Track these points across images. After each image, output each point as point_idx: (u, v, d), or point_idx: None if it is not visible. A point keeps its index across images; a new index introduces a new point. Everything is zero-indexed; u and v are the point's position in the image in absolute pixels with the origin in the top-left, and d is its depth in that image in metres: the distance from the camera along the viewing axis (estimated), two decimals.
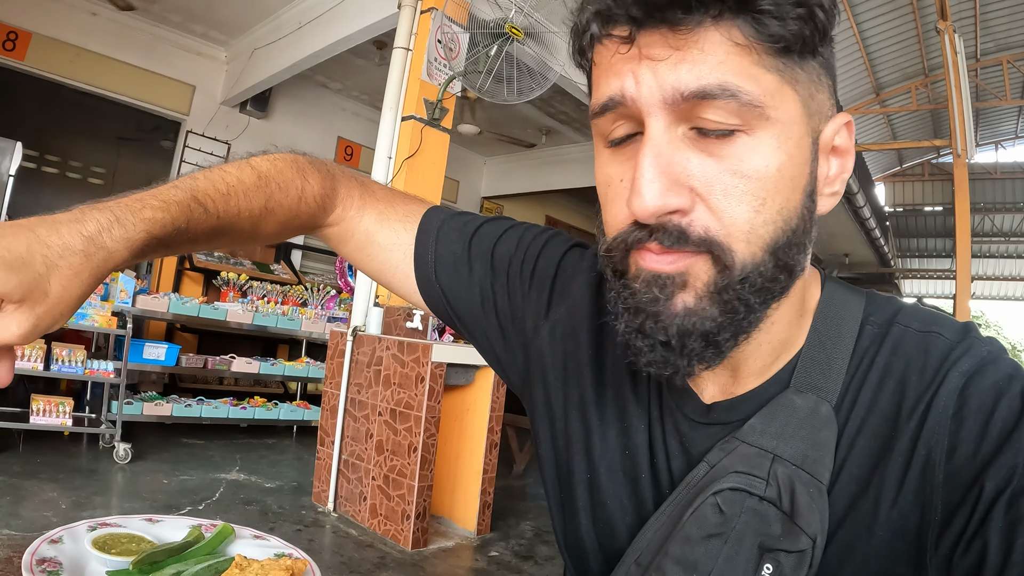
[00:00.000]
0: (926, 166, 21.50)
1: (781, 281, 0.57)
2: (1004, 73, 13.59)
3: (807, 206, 0.57)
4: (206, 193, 0.69)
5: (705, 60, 0.51)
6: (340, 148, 8.97)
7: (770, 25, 0.50)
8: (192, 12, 6.90)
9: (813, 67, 0.55)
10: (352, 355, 4.31)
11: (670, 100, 0.52)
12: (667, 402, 0.69)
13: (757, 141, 0.53)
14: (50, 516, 3.40)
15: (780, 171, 0.54)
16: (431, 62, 4.63)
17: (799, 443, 0.58)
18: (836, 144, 0.60)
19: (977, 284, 21.90)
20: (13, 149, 5.27)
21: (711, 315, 0.55)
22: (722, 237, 0.54)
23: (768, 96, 0.52)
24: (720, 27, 0.51)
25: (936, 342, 0.59)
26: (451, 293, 0.87)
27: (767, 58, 0.52)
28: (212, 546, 0.93)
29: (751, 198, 0.53)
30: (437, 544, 3.86)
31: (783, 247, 0.55)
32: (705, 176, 0.53)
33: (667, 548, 0.59)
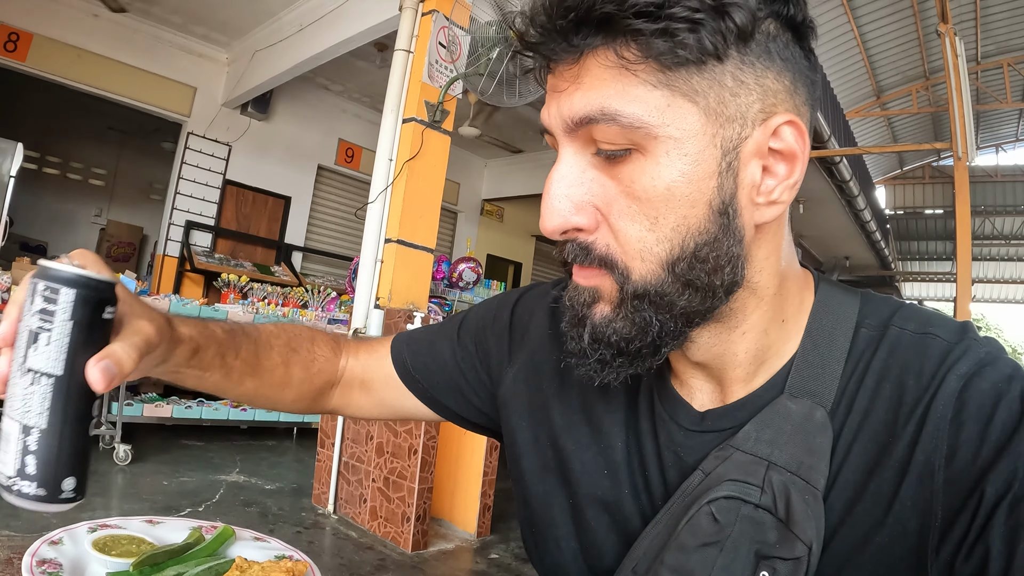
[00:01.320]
0: (927, 169, 21.52)
1: (689, 297, 0.56)
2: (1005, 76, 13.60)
3: (716, 222, 0.55)
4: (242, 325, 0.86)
5: (592, 87, 0.53)
6: (341, 150, 8.98)
7: (653, 43, 0.50)
8: (193, 14, 6.91)
9: (725, 71, 0.53)
10: None
11: (568, 127, 0.56)
12: (660, 414, 0.69)
13: (648, 160, 0.53)
14: (49, 517, 3.39)
15: (671, 189, 0.53)
16: (432, 64, 4.63)
17: (794, 449, 0.58)
18: (775, 147, 0.56)
19: (978, 287, 21.90)
20: (14, 150, 5.27)
21: (617, 328, 0.58)
22: (619, 255, 0.56)
23: (655, 114, 0.52)
24: (597, 55, 0.53)
25: (933, 344, 0.59)
26: (428, 377, 0.92)
27: (653, 75, 0.52)
28: (212, 548, 0.93)
29: (642, 218, 0.54)
30: (437, 546, 3.86)
31: (682, 264, 0.55)
32: (606, 197, 0.56)
33: (663, 557, 0.59)
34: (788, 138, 0.56)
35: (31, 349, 0.51)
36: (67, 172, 9.92)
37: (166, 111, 7.42)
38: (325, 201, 9.09)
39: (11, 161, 5.22)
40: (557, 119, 0.57)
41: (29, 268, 5.21)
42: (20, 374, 0.52)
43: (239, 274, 7.05)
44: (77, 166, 10.02)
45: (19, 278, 4.73)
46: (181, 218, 7.50)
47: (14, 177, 5.28)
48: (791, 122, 0.56)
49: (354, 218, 9.16)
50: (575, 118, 0.54)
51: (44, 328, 0.52)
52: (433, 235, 4.68)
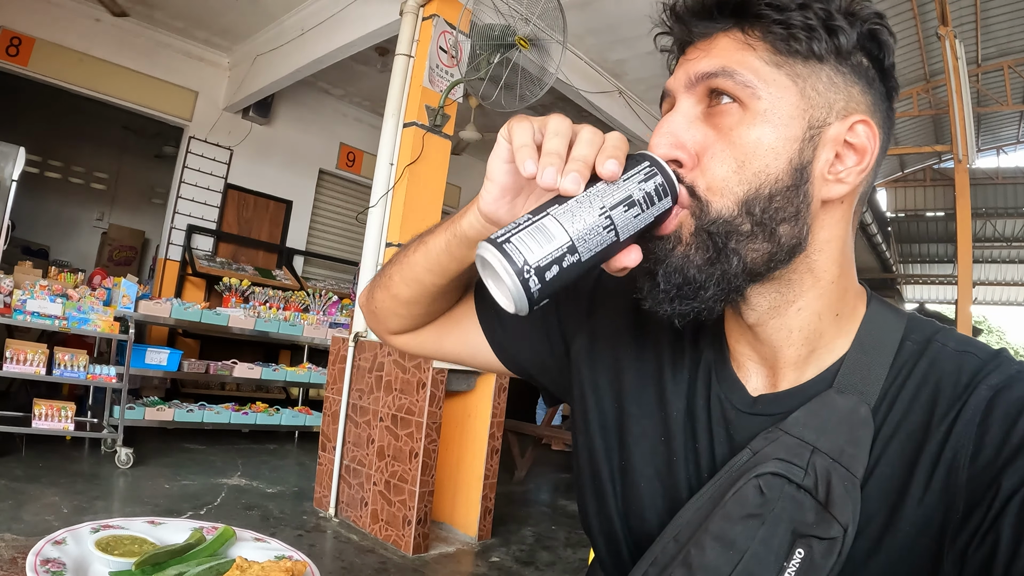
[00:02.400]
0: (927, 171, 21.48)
1: (759, 240, 0.64)
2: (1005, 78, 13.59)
3: (792, 176, 0.64)
4: None
5: (717, 55, 0.66)
6: (342, 154, 8.99)
7: (774, 30, 0.64)
8: (195, 18, 6.93)
9: (824, 69, 0.65)
10: (354, 361, 4.32)
11: (689, 82, 0.68)
12: (716, 392, 0.75)
13: (747, 114, 0.64)
14: (52, 520, 3.41)
15: (760, 140, 0.64)
16: (433, 69, 4.65)
17: (838, 438, 0.63)
18: (850, 140, 0.67)
19: (979, 289, 21.86)
20: (16, 154, 5.28)
21: (692, 257, 0.65)
22: (703, 191, 0.65)
23: (762, 82, 0.64)
24: (728, 34, 0.67)
25: (970, 360, 0.65)
26: (505, 317, 0.96)
27: (768, 54, 0.65)
28: (213, 548, 0.94)
29: (731, 160, 0.64)
30: (438, 549, 3.86)
31: (757, 206, 0.64)
32: (705, 143, 0.66)
33: (707, 525, 0.63)
34: (861, 135, 0.67)
35: (622, 206, 0.61)
36: (69, 176, 9.93)
37: (168, 115, 7.42)
38: (326, 205, 9.10)
39: (13, 165, 5.23)
40: (682, 78, 0.69)
41: (31, 272, 5.22)
42: (598, 210, 0.60)
43: (240, 278, 7.06)
44: (79, 170, 10.02)
45: (21, 282, 4.75)
46: (183, 222, 7.51)
47: (16, 181, 5.29)
48: (865, 122, 0.67)
49: (355, 222, 9.17)
50: (699, 74, 0.67)
51: (639, 204, 0.62)
52: None
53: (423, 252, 0.85)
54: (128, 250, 10.08)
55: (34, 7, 6.42)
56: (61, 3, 6.58)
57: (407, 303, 0.93)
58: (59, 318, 4.63)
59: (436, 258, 0.83)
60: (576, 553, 4.16)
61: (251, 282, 7.09)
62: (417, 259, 0.86)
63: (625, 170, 0.62)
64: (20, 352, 4.48)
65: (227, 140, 7.81)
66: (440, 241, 0.81)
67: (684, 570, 0.63)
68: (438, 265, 0.84)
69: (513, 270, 0.57)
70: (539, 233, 0.58)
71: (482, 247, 0.59)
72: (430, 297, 0.91)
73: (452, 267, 0.83)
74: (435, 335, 1.01)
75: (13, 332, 5.15)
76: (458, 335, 1.00)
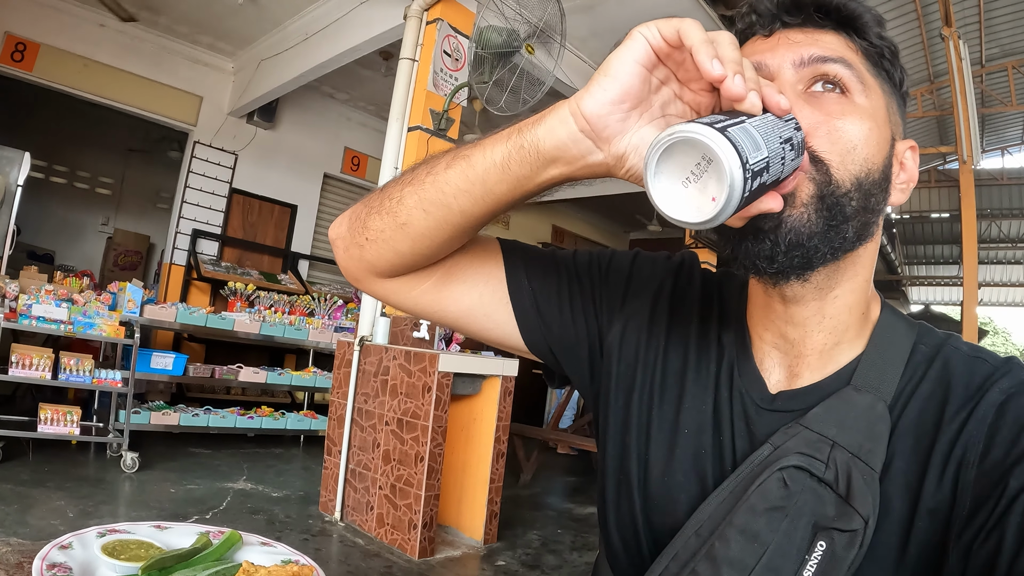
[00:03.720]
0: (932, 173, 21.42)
1: (858, 218, 0.66)
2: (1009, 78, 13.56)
3: (884, 173, 0.68)
4: None
5: (828, 44, 0.69)
6: (347, 158, 9.00)
7: (873, 42, 0.70)
8: (199, 23, 6.95)
9: (895, 95, 0.72)
10: (359, 365, 4.32)
11: (798, 61, 0.68)
12: (737, 386, 0.76)
13: (854, 106, 0.67)
14: (58, 524, 3.41)
15: (870, 132, 0.67)
16: (437, 73, 4.65)
17: (856, 434, 0.65)
18: (903, 161, 0.73)
19: (985, 290, 21.81)
20: (21, 159, 5.31)
21: (810, 221, 0.64)
22: (825, 158, 0.65)
23: (866, 81, 0.69)
24: (838, 31, 0.70)
25: (982, 365, 0.67)
26: (539, 292, 0.90)
27: (867, 63, 0.70)
28: (220, 552, 0.93)
29: (845, 142, 0.66)
30: (444, 553, 3.86)
31: (866, 186, 0.66)
32: (813, 121, 0.66)
33: (731, 518, 0.64)
34: (910, 158, 0.74)
35: (787, 145, 0.58)
36: (74, 181, 9.96)
37: (173, 120, 7.45)
38: (331, 209, 9.10)
39: (18, 170, 5.26)
40: (787, 56, 0.69)
41: (36, 277, 5.24)
42: (779, 139, 0.56)
43: (245, 282, 7.07)
44: (84, 175, 10.06)
45: (26, 287, 4.76)
46: (188, 226, 7.53)
47: (21, 186, 5.32)
48: (914, 147, 0.74)
49: None
50: (814, 56, 0.68)
51: (795, 149, 0.59)
52: None
53: (463, 168, 0.69)
54: (133, 254, 10.10)
55: (39, 13, 6.46)
56: (66, 9, 6.61)
57: (418, 236, 0.76)
58: (64, 323, 4.64)
59: (483, 175, 0.67)
60: (582, 557, 4.15)
61: (256, 286, 7.11)
62: (451, 177, 0.70)
63: None
64: (26, 357, 4.49)
65: (232, 145, 7.83)
66: (496, 153, 0.66)
67: (708, 564, 0.63)
68: (482, 185, 0.68)
69: (740, 164, 0.50)
70: (747, 136, 0.52)
71: (692, 129, 0.50)
72: (452, 230, 0.75)
73: (501, 191, 0.68)
74: (436, 287, 0.87)
75: (19, 337, 5.16)
76: (470, 295, 0.88)
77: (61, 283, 5.33)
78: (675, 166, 0.53)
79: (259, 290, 7.06)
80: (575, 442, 5.97)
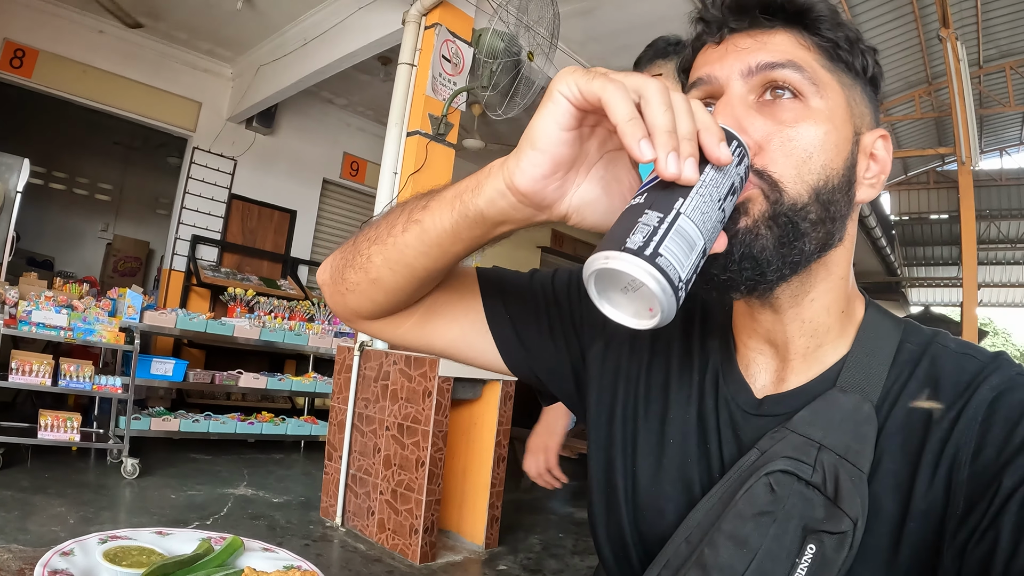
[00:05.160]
0: (931, 174, 21.45)
1: (821, 227, 0.66)
2: (1007, 79, 13.58)
3: (845, 175, 0.67)
4: None
5: (777, 48, 0.68)
6: (346, 163, 9.00)
7: (826, 35, 0.68)
8: (198, 29, 6.96)
9: (857, 84, 0.70)
10: (359, 370, 4.31)
11: (746, 71, 0.67)
12: (723, 393, 0.76)
13: (809, 110, 0.66)
14: (58, 531, 3.41)
15: (826, 135, 0.66)
16: (436, 77, 4.66)
17: (843, 435, 0.64)
18: (874, 152, 0.71)
19: (984, 291, 21.83)
20: (20, 165, 5.31)
21: (763, 237, 0.64)
22: (776, 174, 0.64)
23: (820, 81, 0.67)
24: (788, 30, 0.69)
25: (970, 362, 0.67)
26: (517, 320, 0.93)
27: (822, 59, 0.68)
28: (221, 559, 0.93)
29: (800, 151, 0.65)
30: (445, 558, 3.85)
31: (825, 196, 0.65)
32: (765, 132, 0.65)
33: (720, 524, 0.64)
34: (881, 148, 0.72)
35: (729, 195, 0.56)
36: (73, 187, 9.97)
37: (171, 126, 7.45)
38: (331, 215, 9.11)
39: (18, 176, 5.26)
40: (735, 65, 0.68)
41: (36, 283, 5.24)
42: (716, 203, 0.54)
43: (245, 288, 7.07)
44: (83, 181, 10.07)
45: (26, 293, 4.76)
46: (187, 232, 7.53)
47: (21, 192, 5.32)
48: (885, 136, 0.72)
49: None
50: (761, 63, 0.67)
51: (736, 191, 0.57)
52: None
53: (417, 234, 0.72)
54: (133, 261, 10.10)
55: (38, 19, 6.46)
56: (65, 15, 6.62)
57: (390, 290, 0.81)
58: (64, 329, 4.63)
59: (437, 241, 0.71)
60: (584, 560, 4.15)
61: (256, 292, 7.10)
62: (409, 241, 0.73)
63: None
64: (26, 363, 4.49)
65: (231, 150, 7.83)
66: (444, 221, 0.68)
67: (698, 571, 0.63)
68: (438, 248, 0.72)
69: (671, 289, 0.48)
70: (682, 240, 0.50)
71: (623, 260, 0.49)
72: (420, 283, 0.80)
73: (457, 250, 0.71)
74: (419, 324, 0.91)
75: (19, 343, 5.16)
76: (452, 329, 0.93)
77: (61, 289, 5.33)
78: (610, 280, 0.53)
79: (259, 295, 7.06)
80: (576, 446, 5.96)
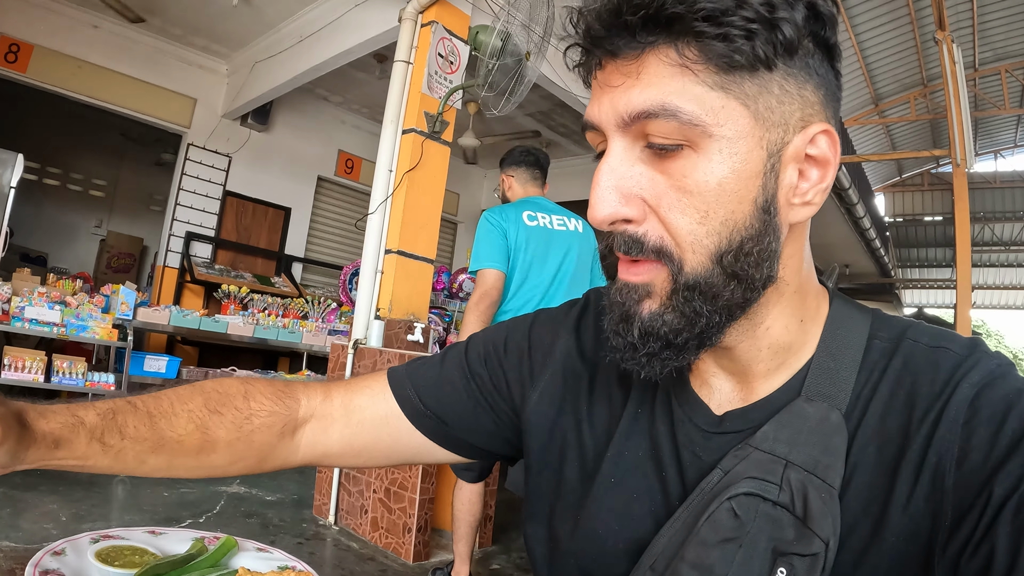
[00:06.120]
0: (926, 176, 21.55)
1: (733, 289, 0.59)
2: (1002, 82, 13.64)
3: (759, 218, 0.58)
4: (138, 397, 0.78)
5: (650, 83, 0.56)
6: (341, 161, 8.99)
7: (713, 45, 0.54)
8: (193, 25, 6.94)
9: (773, 79, 0.57)
10: (353, 368, 4.30)
11: (621, 122, 0.58)
12: (678, 416, 0.71)
13: (700, 157, 0.56)
14: (50, 528, 3.39)
15: (721, 185, 0.56)
16: (432, 75, 4.65)
17: (811, 449, 0.59)
18: (811, 154, 0.60)
19: (978, 293, 21.91)
20: (14, 161, 5.28)
21: (668, 320, 0.60)
22: (672, 247, 0.58)
23: (711, 114, 0.55)
24: (659, 52, 0.56)
25: (946, 356, 0.61)
26: (443, 412, 0.88)
27: (709, 76, 0.55)
28: (215, 559, 0.92)
29: (693, 211, 0.57)
30: (439, 557, 3.85)
31: (728, 256, 0.58)
32: (655, 190, 0.58)
33: (683, 553, 0.60)
34: (823, 146, 0.60)
35: None
36: (67, 183, 9.94)
37: (166, 122, 7.43)
38: (325, 212, 9.10)
39: (11, 172, 5.23)
40: (610, 113, 0.59)
41: (29, 279, 5.21)
42: None
43: (239, 285, 7.05)
44: (77, 177, 10.04)
45: (19, 289, 4.74)
46: (181, 229, 7.51)
47: (14, 188, 5.29)
48: (826, 131, 0.60)
49: (354, 229, 9.17)
50: (632, 112, 0.57)
51: None
52: (433, 246, 4.69)
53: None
54: (126, 257, 10.08)
55: (33, 14, 6.44)
56: (60, 10, 6.60)
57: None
58: (57, 325, 4.62)
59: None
60: None
61: (250, 289, 7.09)
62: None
63: None
64: (18, 359, 4.47)
65: (226, 147, 7.81)
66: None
67: None
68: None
69: None
70: None
71: None
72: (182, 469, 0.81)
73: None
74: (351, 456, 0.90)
75: (11, 339, 5.13)
76: (383, 445, 0.90)
77: (54, 285, 5.31)
78: None
79: (253, 293, 7.05)
80: None
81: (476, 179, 10.92)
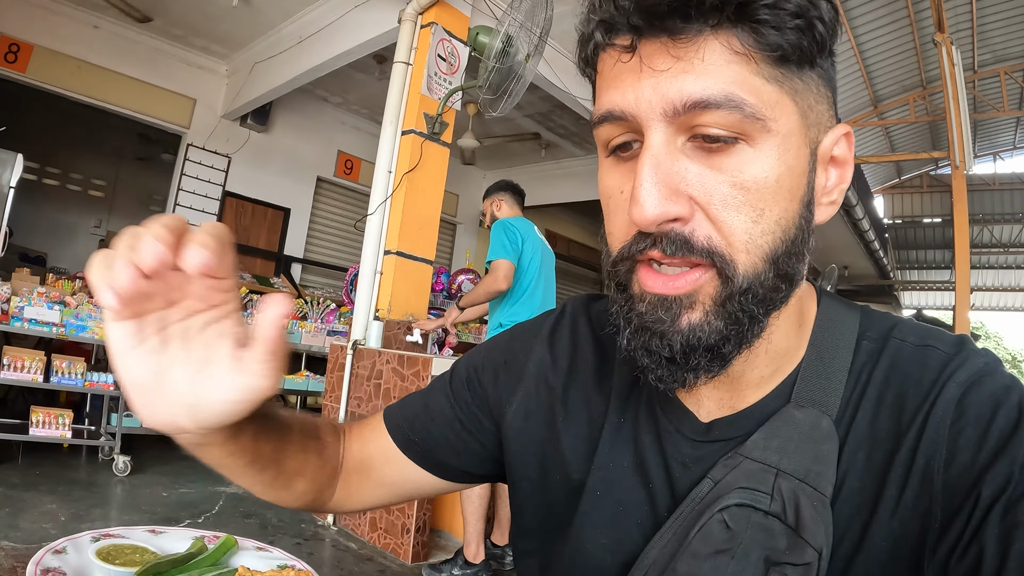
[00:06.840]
0: (925, 178, 21.56)
1: (782, 291, 0.57)
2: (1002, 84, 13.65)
3: (804, 216, 0.57)
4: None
5: (707, 70, 0.51)
6: (340, 162, 8.99)
7: (768, 35, 0.51)
8: (193, 26, 6.94)
9: (812, 78, 0.56)
10: (352, 369, 4.31)
11: (670, 111, 0.53)
12: (664, 426, 0.68)
13: (757, 152, 0.53)
14: (49, 528, 3.39)
15: (779, 182, 0.54)
16: (431, 76, 4.65)
17: (802, 457, 0.58)
18: (835, 155, 0.60)
19: (976, 295, 21.92)
20: (14, 161, 5.28)
21: (716, 328, 0.55)
22: (724, 248, 0.54)
23: (768, 108, 0.53)
24: (720, 36, 0.51)
25: (933, 355, 0.60)
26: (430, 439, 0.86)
27: (766, 68, 0.52)
28: (215, 558, 0.93)
29: (749, 209, 0.53)
30: (437, 557, 3.85)
31: (782, 257, 0.55)
32: (704, 186, 0.53)
33: (674, 566, 0.59)
34: (844, 146, 0.60)
35: None
36: (67, 183, 9.93)
37: (166, 123, 7.44)
38: (324, 213, 9.10)
39: (11, 172, 5.23)
40: (654, 101, 0.53)
41: (28, 279, 5.21)
42: None
43: (238, 285, 7.05)
44: (77, 177, 10.03)
45: (18, 289, 4.74)
46: None
47: (14, 188, 5.29)
48: (848, 133, 0.60)
49: (353, 230, 9.17)
50: (688, 100, 0.52)
51: None
52: (432, 247, 4.69)
53: None
54: None
55: (33, 14, 6.44)
56: (60, 10, 6.60)
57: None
58: (57, 325, 4.61)
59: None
60: None
61: (249, 290, 7.08)
62: None
63: None
64: (17, 359, 4.47)
65: (225, 147, 7.82)
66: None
67: None
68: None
69: None
70: None
71: None
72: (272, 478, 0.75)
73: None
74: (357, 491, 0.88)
75: (10, 339, 5.13)
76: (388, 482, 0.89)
77: (53, 285, 5.30)
78: None
79: (252, 293, 7.03)
80: None
81: (475, 180, 10.92)
